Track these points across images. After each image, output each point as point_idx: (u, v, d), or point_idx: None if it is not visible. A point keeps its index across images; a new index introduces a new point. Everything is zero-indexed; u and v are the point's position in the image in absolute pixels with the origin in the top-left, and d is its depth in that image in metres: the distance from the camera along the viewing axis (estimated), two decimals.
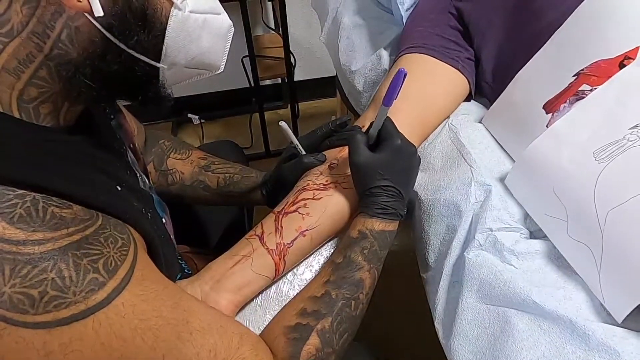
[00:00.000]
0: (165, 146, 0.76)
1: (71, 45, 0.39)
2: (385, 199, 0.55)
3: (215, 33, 0.47)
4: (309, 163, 0.63)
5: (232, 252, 0.56)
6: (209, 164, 0.75)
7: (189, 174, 0.74)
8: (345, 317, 0.51)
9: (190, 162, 0.75)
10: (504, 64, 0.67)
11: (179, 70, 0.47)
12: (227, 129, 1.97)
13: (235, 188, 0.72)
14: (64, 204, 0.37)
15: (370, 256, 0.54)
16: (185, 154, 0.76)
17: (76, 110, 0.45)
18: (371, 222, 0.55)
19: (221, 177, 0.73)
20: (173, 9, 0.42)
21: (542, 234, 0.54)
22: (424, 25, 0.73)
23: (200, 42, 0.46)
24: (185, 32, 0.44)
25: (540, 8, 0.63)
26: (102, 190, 0.42)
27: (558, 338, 0.45)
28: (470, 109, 0.70)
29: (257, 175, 0.72)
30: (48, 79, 0.40)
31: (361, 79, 0.83)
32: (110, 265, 0.37)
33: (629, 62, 0.52)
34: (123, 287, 0.37)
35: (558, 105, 0.57)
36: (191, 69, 0.48)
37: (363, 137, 0.57)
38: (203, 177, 0.74)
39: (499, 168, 0.60)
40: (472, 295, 0.51)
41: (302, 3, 1.68)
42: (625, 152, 0.48)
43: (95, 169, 0.44)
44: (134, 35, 0.41)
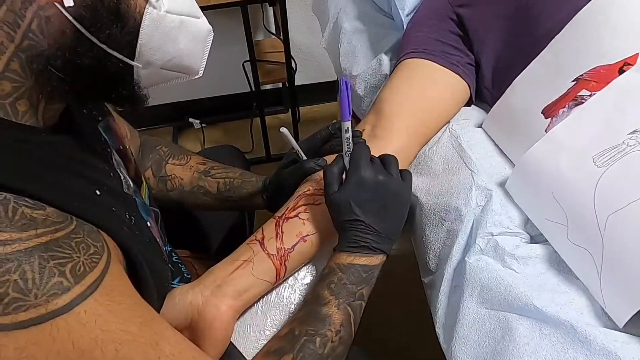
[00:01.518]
0: (163, 152, 0.76)
1: (42, 36, 0.38)
2: (355, 233, 0.53)
3: (193, 36, 0.47)
4: (310, 168, 0.63)
5: (233, 257, 0.56)
6: (208, 169, 0.74)
7: (188, 179, 0.73)
8: (309, 354, 0.48)
9: (189, 168, 0.74)
10: (503, 70, 0.68)
11: (155, 71, 0.46)
12: (228, 134, 1.97)
13: (236, 193, 0.72)
14: (37, 205, 0.36)
15: (338, 290, 0.51)
16: (183, 159, 0.75)
17: (55, 109, 0.44)
18: (339, 255, 0.53)
19: (221, 181, 0.72)
20: (148, 7, 0.42)
21: (543, 239, 0.54)
22: (424, 31, 0.73)
23: (177, 44, 0.45)
24: (160, 32, 0.43)
25: (539, 16, 0.63)
26: (78, 195, 0.41)
27: (559, 343, 0.45)
28: (470, 113, 0.70)
29: (257, 179, 0.72)
30: (20, 72, 0.39)
31: (362, 84, 0.83)
32: (79, 270, 0.36)
33: (628, 68, 0.52)
34: (89, 295, 0.35)
35: (557, 110, 0.58)
36: (168, 71, 0.47)
37: (338, 169, 0.56)
38: (203, 183, 0.73)
39: (500, 173, 0.60)
40: (473, 299, 0.51)
41: (303, 8, 1.69)
42: (624, 157, 0.48)
43: (74, 172, 0.43)
44: (106, 29, 0.40)
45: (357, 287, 0.52)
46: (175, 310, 0.52)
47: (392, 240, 0.55)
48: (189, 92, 1.93)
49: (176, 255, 0.72)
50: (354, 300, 0.52)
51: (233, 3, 1.33)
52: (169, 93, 1.92)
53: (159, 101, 1.94)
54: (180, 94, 1.93)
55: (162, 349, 0.40)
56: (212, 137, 1.93)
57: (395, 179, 0.55)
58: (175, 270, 0.68)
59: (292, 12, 1.55)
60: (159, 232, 0.60)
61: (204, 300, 0.52)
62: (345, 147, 0.56)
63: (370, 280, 0.54)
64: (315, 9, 1.15)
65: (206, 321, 0.51)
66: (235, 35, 1.64)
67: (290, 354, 0.47)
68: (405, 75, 0.70)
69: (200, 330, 0.51)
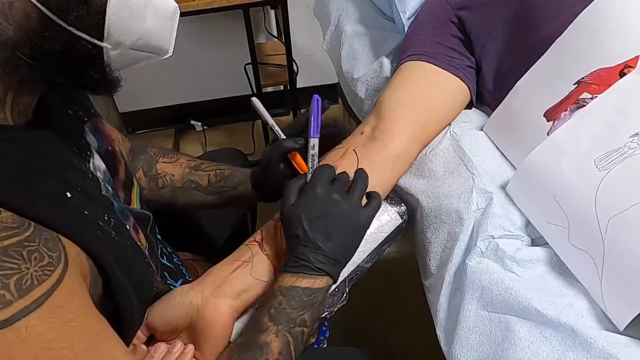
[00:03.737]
0: (153, 152, 0.76)
1: (6, 22, 0.37)
2: (299, 250, 0.51)
3: (160, 14, 0.46)
4: (288, 147, 0.63)
5: (232, 258, 0.57)
6: (199, 164, 0.74)
7: (179, 175, 0.73)
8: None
9: (180, 164, 0.74)
10: (505, 73, 0.68)
11: (125, 52, 0.45)
12: (230, 136, 1.97)
13: (227, 182, 0.71)
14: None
15: (277, 316, 0.49)
16: (173, 157, 0.75)
17: (25, 103, 0.44)
18: (281, 277, 0.51)
19: (212, 174, 0.72)
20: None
21: (544, 242, 0.54)
22: (425, 34, 0.73)
23: (144, 23, 0.45)
24: (127, 10, 0.42)
25: (540, 19, 0.63)
26: (45, 196, 0.40)
27: (560, 346, 0.44)
28: (471, 116, 0.70)
29: (246, 170, 0.71)
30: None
31: (363, 87, 0.84)
32: (25, 283, 0.33)
33: (629, 71, 0.52)
34: (32, 310, 0.33)
35: (559, 113, 0.58)
36: (138, 51, 0.47)
37: (299, 184, 0.55)
38: (194, 177, 0.72)
39: (501, 175, 0.60)
40: (474, 302, 0.51)
41: (304, 11, 1.70)
42: (626, 160, 0.48)
43: (43, 172, 0.42)
44: (72, 11, 0.39)
45: (298, 312, 0.50)
46: (175, 310, 0.52)
47: (339, 263, 0.53)
48: (191, 95, 1.94)
49: (177, 257, 0.72)
50: (294, 327, 0.50)
51: (235, 6, 1.33)
52: (170, 95, 1.93)
53: (160, 103, 1.94)
54: (182, 96, 1.94)
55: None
56: (213, 140, 1.93)
57: (351, 202, 0.53)
58: (177, 272, 0.68)
59: (293, 15, 1.56)
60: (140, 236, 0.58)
61: (204, 300, 0.52)
62: (309, 164, 0.55)
63: (313, 305, 0.51)
64: (317, 11, 1.16)
65: (206, 321, 0.51)
66: (237, 38, 1.65)
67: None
68: (406, 78, 0.70)
69: (200, 329, 0.51)
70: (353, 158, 0.63)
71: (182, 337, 0.53)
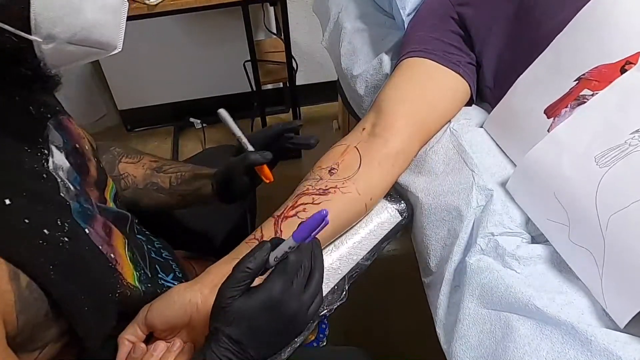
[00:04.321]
0: (116, 152, 0.74)
1: None
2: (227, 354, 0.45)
3: (102, 5, 0.43)
4: (254, 160, 0.62)
5: (232, 256, 0.56)
6: (161, 165, 0.73)
7: (141, 176, 0.72)
8: None
9: (142, 165, 0.73)
10: (505, 70, 0.67)
11: (62, 47, 0.42)
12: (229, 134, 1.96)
13: (188, 186, 0.70)
14: None
15: None
16: (136, 157, 0.74)
17: None
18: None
19: (173, 176, 0.71)
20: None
21: (544, 239, 0.54)
22: (425, 30, 0.73)
23: (82, 15, 0.41)
24: (59, 1, 0.40)
25: (541, 15, 0.63)
26: None
27: (560, 343, 0.44)
28: (471, 113, 0.70)
29: (208, 171, 0.71)
30: None
31: (363, 84, 0.83)
32: None
33: (630, 67, 0.52)
34: None
35: (559, 110, 0.57)
36: (79, 46, 0.43)
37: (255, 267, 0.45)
38: (155, 179, 0.71)
39: (501, 173, 0.60)
40: (474, 300, 0.51)
41: (304, 8, 1.69)
42: (626, 157, 0.48)
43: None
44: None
45: None
46: (174, 309, 0.52)
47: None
48: (190, 92, 1.93)
49: (167, 252, 0.71)
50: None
51: (234, 3, 1.32)
52: (169, 93, 1.92)
53: (159, 101, 1.94)
54: (181, 93, 1.94)
55: None
56: (213, 137, 1.93)
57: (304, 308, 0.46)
58: (166, 267, 0.67)
59: (293, 12, 1.55)
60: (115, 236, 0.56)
61: (203, 299, 0.52)
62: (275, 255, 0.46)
63: None
64: (316, 8, 1.15)
65: (206, 319, 0.51)
66: (236, 35, 1.64)
67: None
68: (406, 74, 0.70)
69: (199, 328, 0.51)
70: (355, 156, 0.63)
71: (181, 336, 0.53)
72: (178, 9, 1.29)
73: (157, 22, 1.38)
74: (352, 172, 0.61)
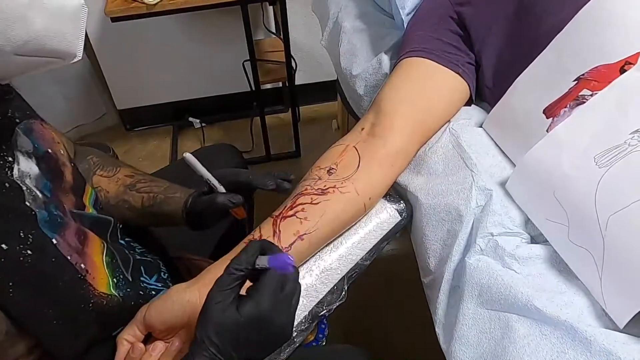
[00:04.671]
0: (92, 162, 0.72)
1: None
2: None
3: (56, 13, 0.40)
4: (222, 204, 0.61)
5: (231, 255, 0.56)
6: (135, 182, 0.71)
7: (114, 192, 0.70)
8: None
9: (116, 181, 0.71)
10: (504, 69, 0.67)
11: (9, 58, 0.39)
12: (228, 133, 1.97)
13: (158, 209, 0.68)
14: None
15: None
16: (111, 171, 0.71)
17: None
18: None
19: (145, 196, 0.69)
20: None
21: (543, 239, 0.54)
22: (424, 30, 0.73)
23: (30, 25, 0.39)
24: None
25: (540, 15, 0.63)
26: None
27: (559, 343, 0.44)
28: (471, 113, 0.70)
29: (181, 194, 0.68)
30: None
31: (362, 83, 0.83)
32: None
33: (629, 67, 0.52)
34: None
35: (558, 110, 0.57)
36: (29, 57, 0.41)
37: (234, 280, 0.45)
38: (128, 197, 0.69)
39: (500, 172, 0.60)
40: (473, 300, 0.51)
41: (303, 7, 1.69)
42: (626, 157, 0.48)
43: None
44: None
45: None
46: (172, 309, 0.52)
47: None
48: (189, 92, 1.93)
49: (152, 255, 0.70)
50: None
51: (233, 2, 1.32)
52: (168, 92, 1.92)
53: (158, 100, 1.94)
54: (180, 93, 1.93)
55: None
56: (212, 137, 1.93)
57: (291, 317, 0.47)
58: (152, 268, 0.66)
59: (292, 11, 1.55)
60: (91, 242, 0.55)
61: (202, 298, 0.52)
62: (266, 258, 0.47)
63: None
64: (316, 8, 1.15)
65: None
66: (235, 35, 1.64)
67: None
68: (405, 74, 0.69)
69: None
70: (354, 155, 0.62)
71: (180, 336, 0.53)
72: (177, 9, 1.29)
73: (156, 21, 1.37)
74: (351, 172, 0.61)
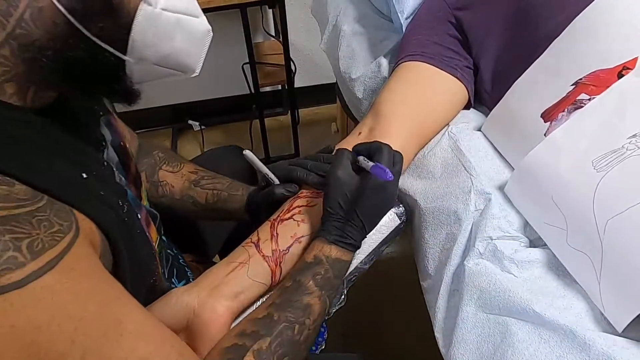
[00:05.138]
0: (158, 157, 0.76)
1: (34, 26, 0.39)
2: (349, 228, 0.54)
3: (191, 35, 0.47)
4: (280, 194, 0.63)
5: (229, 260, 0.57)
6: (199, 178, 0.74)
7: (179, 188, 0.74)
8: (286, 340, 0.49)
9: (181, 176, 0.74)
10: (503, 73, 0.68)
11: (148, 67, 0.45)
12: (228, 136, 1.97)
13: (222, 205, 0.72)
14: (4, 181, 0.36)
15: (322, 283, 0.52)
16: (177, 167, 0.75)
17: (46, 96, 0.45)
18: (329, 248, 0.54)
19: (209, 193, 0.73)
20: (142, 3, 0.42)
21: (542, 243, 0.54)
22: (423, 34, 0.73)
23: (172, 42, 0.45)
24: (155, 29, 0.43)
25: (539, 19, 0.63)
26: (59, 175, 0.41)
27: (558, 347, 0.44)
28: (470, 117, 0.70)
29: (243, 192, 0.72)
30: (11, 58, 0.39)
31: (361, 87, 0.83)
32: (36, 247, 0.35)
33: (627, 72, 0.52)
34: (45, 271, 0.35)
35: (556, 114, 0.58)
36: (162, 68, 0.47)
37: (350, 155, 0.56)
38: (193, 192, 0.73)
39: (499, 176, 0.60)
40: (472, 304, 0.51)
41: (302, 10, 1.69)
42: (624, 161, 0.48)
43: (58, 153, 0.43)
44: (98, 22, 0.40)
45: (337, 281, 0.54)
46: (172, 312, 0.52)
47: None
48: (189, 94, 1.93)
49: (182, 258, 0.72)
50: (333, 294, 0.54)
51: (232, 5, 1.33)
52: (168, 95, 1.92)
53: (158, 103, 1.94)
54: (180, 95, 1.93)
55: (125, 328, 0.39)
56: (211, 139, 1.93)
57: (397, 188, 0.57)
58: (181, 273, 0.68)
59: (291, 15, 1.55)
60: (151, 230, 0.60)
61: (201, 302, 0.52)
62: None
63: (344, 275, 0.56)
64: (315, 11, 1.15)
65: (203, 322, 0.51)
66: (234, 38, 1.64)
67: (267, 338, 0.48)
68: (403, 78, 0.70)
69: (197, 331, 0.51)
70: None
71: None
72: None
73: None
74: None
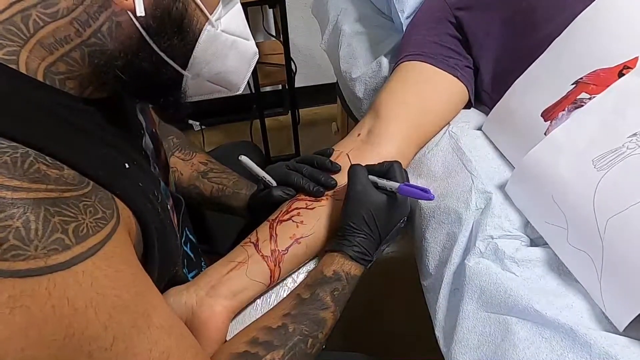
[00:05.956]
0: (172, 143, 0.78)
1: (109, 38, 0.42)
2: (369, 244, 0.55)
3: (241, 56, 0.51)
4: (278, 197, 0.63)
5: (228, 259, 0.57)
6: (208, 170, 0.76)
7: (187, 176, 0.75)
8: (299, 353, 0.49)
9: (191, 165, 0.77)
10: (502, 73, 0.68)
11: (201, 83, 0.49)
12: (228, 135, 1.97)
13: (226, 201, 0.73)
14: (55, 165, 0.37)
15: (338, 298, 0.54)
16: (189, 154, 0.78)
17: (100, 95, 0.46)
18: (350, 265, 0.55)
19: (215, 187, 0.74)
20: (207, 24, 0.46)
21: (543, 242, 0.54)
22: (423, 33, 0.73)
23: (225, 61, 0.49)
24: (214, 48, 0.47)
25: (538, 19, 0.63)
26: (105, 163, 0.43)
27: (559, 346, 0.44)
28: (470, 116, 0.70)
29: (246, 190, 0.73)
30: (79, 60, 0.42)
31: (362, 86, 0.83)
32: (82, 231, 0.36)
33: (627, 72, 0.52)
34: (88, 257, 0.36)
35: (556, 113, 0.58)
36: (212, 84, 0.51)
37: (364, 170, 0.57)
38: (199, 183, 0.75)
39: (500, 175, 0.60)
40: (473, 303, 0.51)
41: (303, 10, 1.69)
42: (624, 160, 0.48)
43: (106, 142, 0.45)
44: (167, 40, 0.44)
45: (350, 295, 0.55)
46: None
47: None
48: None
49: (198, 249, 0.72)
50: (344, 309, 0.55)
51: None
52: None
53: None
54: None
55: (152, 320, 0.41)
56: (211, 139, 1.93)
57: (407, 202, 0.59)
58: (196, 263, 0.68)
59: (292, 14, 1.55)
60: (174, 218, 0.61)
61: (199, 301, 0.52)
62: None
63: None
64: (315, 11, 1.16)
65: (201, 321, 0.52)
66: None
67: (281, 350, 0.49)
68: (403, 78, 0.70)
69: (195, 330, 0.51)
70: (346, 163, 0.62)
71: None
72: None
73: None
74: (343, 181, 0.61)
